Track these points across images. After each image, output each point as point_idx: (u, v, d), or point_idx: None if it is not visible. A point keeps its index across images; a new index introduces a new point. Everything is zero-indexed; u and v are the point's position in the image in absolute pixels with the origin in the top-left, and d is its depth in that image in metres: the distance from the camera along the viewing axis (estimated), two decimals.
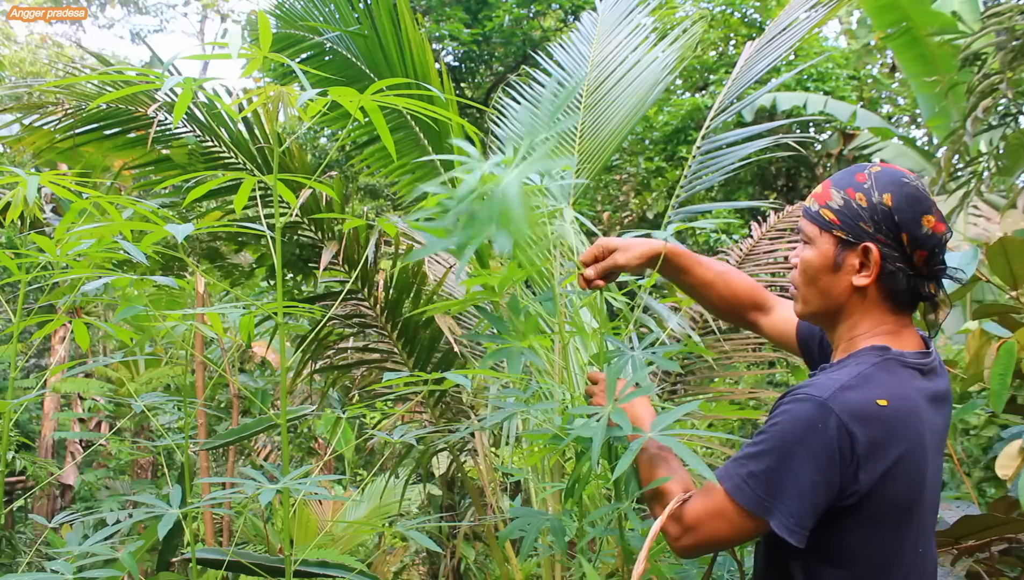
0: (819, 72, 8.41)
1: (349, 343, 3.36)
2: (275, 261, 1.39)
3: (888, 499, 1.17)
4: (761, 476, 1.16)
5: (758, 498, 1.16)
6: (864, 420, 1.14)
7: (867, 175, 1.24)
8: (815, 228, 1.27)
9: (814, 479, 1.13)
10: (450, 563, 4.00)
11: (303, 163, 3.12)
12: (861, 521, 1.17)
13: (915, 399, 1.20)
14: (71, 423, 5.29)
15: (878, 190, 1.22)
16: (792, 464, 1.14)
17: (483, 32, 9.00)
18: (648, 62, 3.34)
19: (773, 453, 1.16)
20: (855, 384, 1.17)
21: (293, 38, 3.56)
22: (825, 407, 1.14)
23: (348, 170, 8.15)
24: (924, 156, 7.11)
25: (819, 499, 1.14)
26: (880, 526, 1.18)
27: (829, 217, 1.24)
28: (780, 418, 1.17)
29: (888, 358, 1.21)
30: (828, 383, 1.17)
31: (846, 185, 1.25)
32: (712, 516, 1.20)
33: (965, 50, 3.10)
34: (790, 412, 1.17)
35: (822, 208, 1.26)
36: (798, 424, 1.15)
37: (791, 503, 1.14)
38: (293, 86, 1.45)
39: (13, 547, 4.79)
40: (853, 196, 1.23)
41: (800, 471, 1.14)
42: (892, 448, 1.15)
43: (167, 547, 3.50)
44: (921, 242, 1.21)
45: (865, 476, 1.14)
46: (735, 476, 1.19)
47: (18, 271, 1.48)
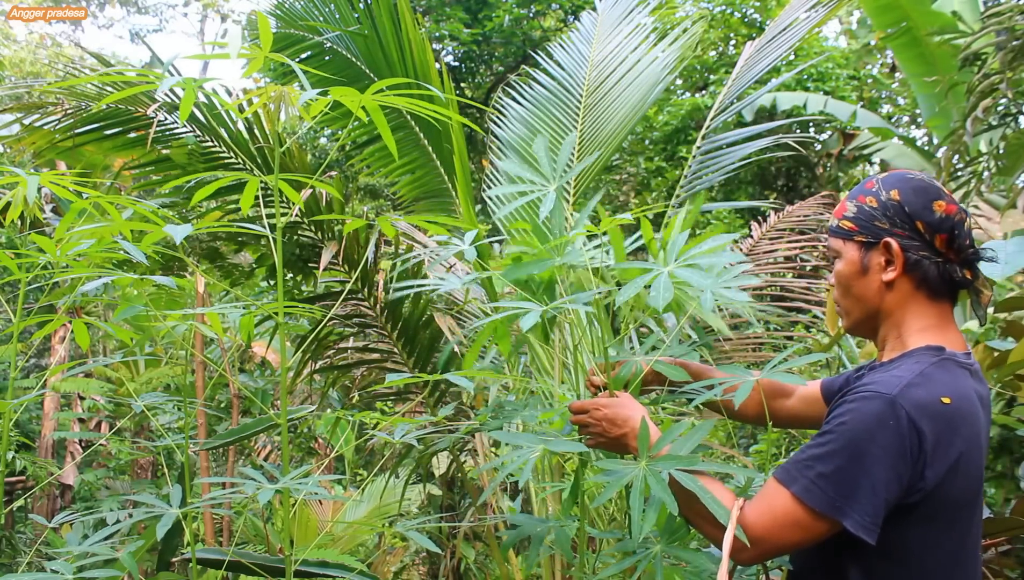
0: (819, 72, 8.41)
1: (349, 343, 3.36)
2: (275, 261, 1.39)
3: (949, 497, 1.18)
4: (832, 476, 1.15)
5: (830, 499, 1.15)
6: (931, 417, 1.15)
7: (875, 181, 1.31)
8: (839, 241, 1.32)
9: (887, 476, 1.13)
10: (450, 563, 4.00)
11: (303, 163, 3.12)
12: (922, 518, 1.18)
13: (972, 399, 1.22)
14: (71, 423, 5.28)
15: (886, 189, 1.28)
16: (864, 462, 1.14)
17: (483, 32, 8.99)
18: (648, 62, 3.34)
19: (843, 452, 1.15)
20: (919, 382, 1.18)
21: (293, 38, 3.56)
22: (895, 403, 1.14)
23: (348, 170, 8.14)
24: (924, 156, 7.10)
25: (891, 495, 1.14)
26: (939, 524, 1.19)
27: (848, 226, 1.30)
28: (847, 416, 1.17)
29: (944, 358, 1.23)
30: (892, 380, 1.18)
31: (857, 194, 1.32)
32: (780, 524, 1.18)
33: (965, 50, 3.10)
34: (858, 410, 1.16)
35: (840, 221, 1.32)
36: (868, 421, 1.15)
37: (865, 501, 1.14)
38: (293, 86, 1.45)
39: (13, 547, 4.79)
40: (864, 201, 1.29)
41: (872, 468, 1.13)
42: (955, 446, 1.16)
43: (167, 547, 3.50)
44: (937, 226, 1.25)
45: (931, 473, 1.15)
46: (803, 479, 1.17)
47: (18, 271, 1.47)
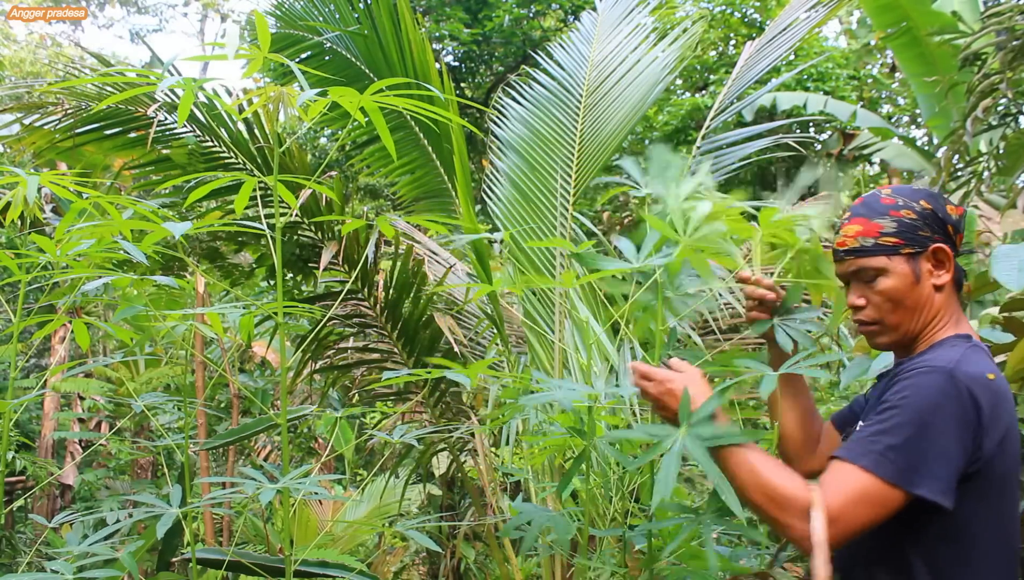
0: (819, 72, 8.41)
1: (349, 343, 3.36)
2: (275, 261, 1.40)
3: (998, 470, 1.21)
4: (901, 448, 1.17)
5: (900, 469, 1.17)
6: (983, 390, 1.20)
7: (891, 197, 1.35)
8: (882, 258, 1.33)
9: (954, 445, 1.17)
10: (450, 563, 4.00)
11: (303, 163, 3.12)
12: (976, 493, 1.20)
13: (1005, 379, 1.26)
14: (71, 423, 5.28)
15: (913, 200, 1.33)
16: (930, 432, 1.17)
17: (483, 32, 9.00)
18: (648, 62, 3.34)
19: (910, 424, 1.18)
20: (966, 360, 1.23)
21: (293, 38, 3.56)
22: (954, 376, 1.19)
23: (348, 170, 8.14)
24: (924, 156, 7.10)
25: (960, 463, 1.18)
26: (989, 500, 1.22)
27: (892, 241, 1.32)
28: (908, 391, 1.20)
29: (974, 344, 1.30)
30: (944, 357, 1.23)
31: (882, 212, 1.34)
32: (854, 501, 1.17)
33: (965, 50, 3.09)
34: (918, 384, 1.20)
35: (879, 238, 1.33)
36: (931, 393, 1.19)
37: (937, 468, 1.16)
38: (293, 86, 1.45)
39: (13, 547, 4.79)
40: (899, 214, 1.33)
41: (940, 438, 1.17)
42: (1003, 419, 1.21)
43: (167, 547, 3.50)
44: (957, 226, 1.35)
45: (988, 443, 1.19)
46: (871, 453, 1.19)
47: (18, 271, 1.48)
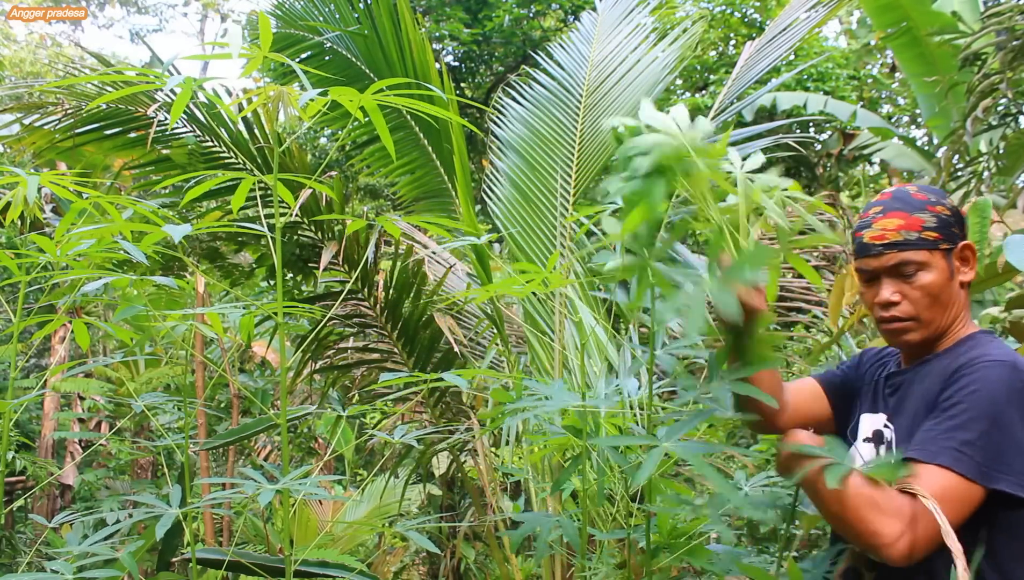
0: (819, 72, 8.40)
1: (349, 343, 3.36)
2: (275, 261, 1.39)
3: None
4: (977, 443, 1.15)
5: (978, 465, 1.15)
6: None
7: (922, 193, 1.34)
8: (923, 252, 1.32)
9: None
10: (450, 563, 4.00)
11: (303, 163, 3.12)
12: None
13: None
14: (71, 423, 5.28)
15: (941, 197, 1.35)
16: (1003, 424, 1.16)
17: (483, 32, 8.99)
18: (648, 62, 3.34)
19: (981, 419, 1.17)
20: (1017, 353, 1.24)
21: (293, 38, 3.56)
22: (1016, 368, 1.19)
23: (348, 170, 8.14)
24: (924, 156, 7.10)
25: None
26: None
27: (933, 236, 1.32)
28: (976, 385, 1.19)
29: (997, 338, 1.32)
30: (999, 350, 1.24)
31: (919, 207, 1.33)
32: (938, 501, 1.11)
33: (965, 50, 3.09)
34: (983, 378, 1.19)
35: (921, 232, 1.32)
36: (999, 387, 1.18)
37: (1015, 461, 1.15)
38: (293, 86, 1.45)
39: (13, 547, 4.79)
40: (936, 209, 1.33)
41: (1013, 429, 1.16)
42: None
43: (167, 547, 3.50)
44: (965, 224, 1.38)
45: None
46: (948, 450, 1.16)
47: (18, 271, 1.47)
